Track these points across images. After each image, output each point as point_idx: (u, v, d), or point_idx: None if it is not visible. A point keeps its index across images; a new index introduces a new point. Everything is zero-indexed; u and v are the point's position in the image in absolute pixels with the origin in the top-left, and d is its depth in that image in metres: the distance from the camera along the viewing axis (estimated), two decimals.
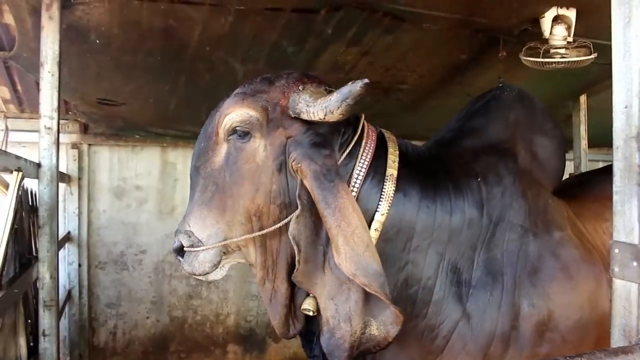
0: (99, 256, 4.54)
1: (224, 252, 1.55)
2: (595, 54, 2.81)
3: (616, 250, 1.23)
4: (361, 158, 1.51)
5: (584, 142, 3.99)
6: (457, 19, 2.86)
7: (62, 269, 4.29)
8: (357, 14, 2.78)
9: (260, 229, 1.50)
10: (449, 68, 3.42)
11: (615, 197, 1.26)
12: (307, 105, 1.41)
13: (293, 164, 1.44)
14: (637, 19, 1.21)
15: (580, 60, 2.84)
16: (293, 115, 1.46)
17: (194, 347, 4.77)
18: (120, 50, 2.95)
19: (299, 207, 1.40)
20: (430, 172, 1.62)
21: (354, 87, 1.29)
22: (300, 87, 1.49)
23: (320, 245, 1.44)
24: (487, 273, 1.56)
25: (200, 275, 1.54)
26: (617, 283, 1.24)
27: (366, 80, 1.28)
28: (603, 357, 1.05)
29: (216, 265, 1.54)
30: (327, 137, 1.48)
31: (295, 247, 1.39)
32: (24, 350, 2.56)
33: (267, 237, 1.51)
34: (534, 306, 1.54)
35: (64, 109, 3.93)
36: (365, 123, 1.60)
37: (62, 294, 4.14)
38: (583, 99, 3.97)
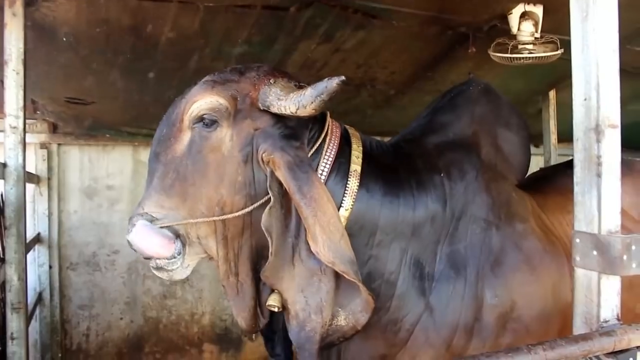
0: (71, 257, 4.45)
1: (186, 245, 1.52)
2: (562, 50, 2.87)
3: (577, 240, 1.26)
4: (325, 154, 1.51)
5: (553, 137, 4.07)
6: (427, 16, 2.90)
7: (33, 271, 4.21)
8: (327, 11, 2.79)
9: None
10: (420, 64, 3.46)
11: (576, 188, 1.29)
12: (278, 99, 1.41)
13: (264, 155, 1.43)
14: (594, 13, 1.24)
15: (548, 56, 2.90)
16: (262, 108, 1.46)
17: (169, 347, 4.71)
18: (88, 49, 2.91)
19: (271, 198, 1.38)
20: (394, 168, 1.63)
21: (330, 84, 1.30)
22: (272, 80, 1.48)
23: (290, 237, 1.44)
24: (450, 266, 1.59)
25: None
26: (579, 272, 1.28)
27: (342, 77, 1.29)
28: (564, 345, 1.08)
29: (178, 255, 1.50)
30: (297, 129, 1.48)
31: (268, 239, 1.38)
32: None
33: (229, 230, 1.50)
34: (497, 297, 1.57)
35: (31, 108, 3.85)
36: (330, 119, 1.60)
37: (32, 297, 4.06)
38: (552, 94, 4.04)
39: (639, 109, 4.20)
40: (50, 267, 4.35)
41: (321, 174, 1.49)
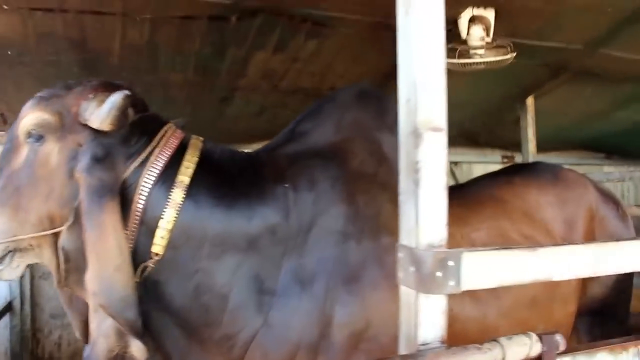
0: (42, 267, 4.49)
1: (17, 250, 1.54)
2: (514, 53, 2.76)
3: (400, 255, 1.15)
4: (151, 166, 1.50)
5: (532, 145, 3.87)
6: (374, 22, 2.81)
7: (3, 281, 4.28)
8: (274, 21, 2.75)
9: None
10: (379, 74, 3.36)
11: (400, 198, 1.18)
12: (91, 114, 1.46)
13: (77, 174, 1.45)
14: (417, 7, 1.15)
15: (498, 60, 2.79)
16: (83, 123, 1.49)
17: None
18: (38, 62, 2.95)
19: (72, 217, 1.41)
20: (233, 178, 1.59)
21: (116, 98, 1.39)
22: (91, 95, 1.51)
23: None
24: (295, 281, 1.51)
25: None
26: (402, 290, 1.16)
27: (127, 92, 1.38)
28: None
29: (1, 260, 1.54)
30: (111, 148, 1.49)
31: (62, 257, 1.40)
32: None
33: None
34: (350, 315, 1.47)
35: (1, 120, 3.94)
36: (170, 130, 1.60)
37: (1, 306, 4.15)
38: (530, 101, 3.86)
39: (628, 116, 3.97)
40: (22, 277, 4.40)
41: (144, 187, 1.48)
